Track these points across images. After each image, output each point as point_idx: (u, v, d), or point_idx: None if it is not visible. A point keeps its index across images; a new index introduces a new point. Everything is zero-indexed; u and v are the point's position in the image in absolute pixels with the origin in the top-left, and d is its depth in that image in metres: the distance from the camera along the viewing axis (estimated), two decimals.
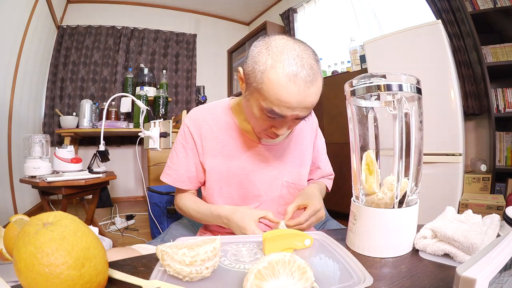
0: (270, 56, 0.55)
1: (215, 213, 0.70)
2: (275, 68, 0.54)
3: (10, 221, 0.48)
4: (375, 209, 0.48)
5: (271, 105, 0.57)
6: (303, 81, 0.54)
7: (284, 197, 0.78)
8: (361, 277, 0.38)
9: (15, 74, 2.16)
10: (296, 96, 0.55)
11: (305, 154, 0.82)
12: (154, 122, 1.40)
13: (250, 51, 0.61)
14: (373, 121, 0.52)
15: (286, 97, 0.55)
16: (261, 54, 0.57)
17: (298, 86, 0.54)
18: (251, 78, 0.58)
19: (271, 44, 0.57)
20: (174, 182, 0.77)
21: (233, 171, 0.74)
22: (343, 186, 2.17)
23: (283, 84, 0.54)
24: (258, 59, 0.57)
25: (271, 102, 0.56)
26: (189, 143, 0.76)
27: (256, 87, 0.58)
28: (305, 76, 0.54)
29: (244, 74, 0.62)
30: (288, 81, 0.54)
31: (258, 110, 0.61)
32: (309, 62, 0.55)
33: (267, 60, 0.55)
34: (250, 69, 0.59)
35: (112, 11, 3.39)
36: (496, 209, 1.52)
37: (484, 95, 1.88)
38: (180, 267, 0.36)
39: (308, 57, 0.56)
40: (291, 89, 0.54)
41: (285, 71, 0.54)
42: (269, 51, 0.56)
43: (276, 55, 0.55)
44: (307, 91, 0.55)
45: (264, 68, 0.55)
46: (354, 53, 2.44)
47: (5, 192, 2.05)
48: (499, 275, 0.25)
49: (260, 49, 0.58)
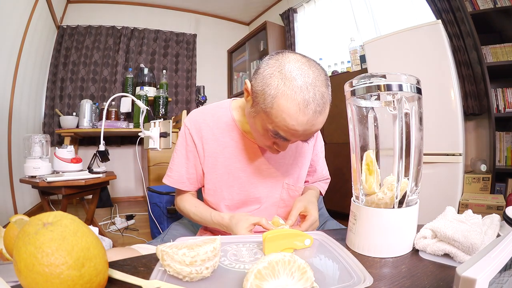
0: (283, 81, 0.53)
1: (215, 221, 0.71)
2: (286, 95, 0.52)
3: (10, 221, 0.48)
4: (375, 209, 0.48)
5: (278, 129, 0.57)
6: (313, 112, 0.53)
7: (284, 199, 0.78)
8: (361, 277, 0.38)
9: (15, 74, 2.16)
10: (303, 125, 0.54)
11: (306, 156, 0.82)
12: (154, 122, 1.40)
13: (262, 69, 0.58)
14: (373, 121, 0.52)
15: (294, 126, 0.54)
16: (273, 77, 0.54)
17: (307, 116, 0.53)
18: (260, 98, 0.57)
19: (284, 67, 0.54)
20: (175, 184, 0.78)
21: (234, 173, 0.74)
22: (343, 186, 2.17)
23: (293, 113, 0.53)
24: (270, 82, 0.55)
25: (277, 126, 0.56)
26: (190, 145, 0.76)
27: (264, 109, 0.56)
28: (315, 107, 0.53)
29: (252, 91, 0.59)
30: (298, 111, 0.52)
31: (262, 129, 0.61)
32: (321, 91, 0.54)
33: (278, 84, 0.53)
34: (260, 89, 0.56)
35: (112, 11, 3.39)
36: (496, 209, 1.52)
37: (484, 95, 1.88)
38: (180, 267, 0.36)
39: (321, 84, 0.54)
40: (300, 119, 0.53)
41: (296, 100, 0.52)
42: (282, 75, 0.54)
43: (288, 81, 0.53)
44: (315, 121, 0.55)
45: (276, 93, 0.53)
46: (354, 53, 2.44)
47: (5, 192, 2.05)
48: (499, 275, 0.25)
49: (273, 70, 0.55)
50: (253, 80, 0.59)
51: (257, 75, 0.58)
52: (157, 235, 0.97)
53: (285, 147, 0.64)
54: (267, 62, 0.58)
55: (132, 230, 2.25)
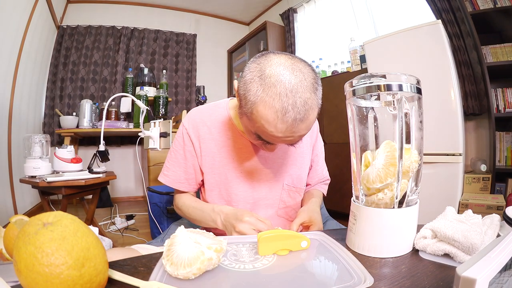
0: (262, 87, 0.51)
1: (217, 209, 0.69)
2: (264, 102, 0.51)
3: (10, 222, 0.48)
4: (375, 209, 0.48)
5: (259, 133, 0.57)
6: (292, 120, 0.51)
7: (284, 200, 0.78)
8: (361, 277, 0.38)
9: (15, 74, 2.16)
10: (283, 132, 0.53)
11: (305, 157, 0.81)
12: (154, 122, 1.40)
13: (244, 72, 0.57)
14: (373, 121, 0.51)
15: (273, 132, 0.53)
16: (253, 83, 0.53)
17: (286, 124, 0.51)
18: (242, 102, 0.56)
19: (265, 72, 0.52)
20: (172, 183, 0.77)
21: (232, 173, 0.73)
22: (343, 186, 2.17)
23: (271, 120, 0.52)
24: (250, 88, 0.53)
25: (258, 130, 0.56)
26: (187, 145, 0.75)
27: (246, 113, 0.56)
28: (294, 115, 0.51)
29: (238, 93, 0.59)
30: (276, 118, 0.51)
31: (247, 130, 0.62)
32: (303, 97, 0.51)
33: (257, 90, 0.52)
34: (242, 93, 0.56)
35: (112, 11, 3.40)
36: (496, 209, 1.52)
37: (484, 95, 1.88)
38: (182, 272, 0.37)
39: (304, 90, 0.51)
40: (279, 126, 0.52)
41: (274, 107, 0.50)
42: (262, 81, 0.52)
43: (268, 87, 0.51)
44: (295, 128, 0.52)
45: (254, 100, 0.52)
46: (354, 53, 2.44)
47: (5, 192, 2.05)
48: (499, 275, 0.25)
49: (253, 76, 0.53)
50: (239, 81, 0.59)
51: (241, 79, 0.57)
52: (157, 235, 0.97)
53: (272, 149, 0.65)
54: (249, 66, 0.56)
55: (132, 230, 2.25)
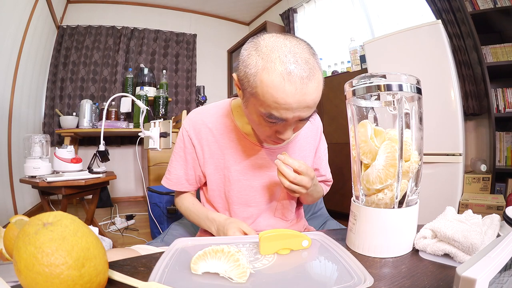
0: (260, 57, 0.51)
1: (210, 217, 0.72)
2: (267, 68, 0.50)
3: (10, 222, 0.48)
4: (375, 209, 0.48)
5: (269, 109, 0.53)
6: (299, 78, 0.49)
7: (283, 202, 0.78)
8: (361, 277, 0.38)
9: (15, 74, 2.17)
10: (293, 96, 0.50)
11: (307, 159, 0.80)
12: (154, 122, 1.40)
13: (240, 54, 0.56)
14: (373, 121, 0.52)
15: (284, 98, 0.50)
16: (251, 57, 0.53)
17: (295, 85, 0.49)
18: (245, 83, 0.54)
19: (260, 44, 0.53)
20: (174, 186, 0.78)
21: (234, 175, 0.73)
22: (343, 186, 2.17)
23: (278, 85, 0.49)
24: (249, 62, 0.53)
25: (268, 106, 0.52)
26: (188, 147, 0.75)
27: (251, 92, 0.54)
28: (300, 72, 0.49)
29: (238, 79, 0.57)
30: (282, 81, 0.49)
31: (257, 116, 0.57)
32: (303, 57, 0.50)
33: (257, 61, 0.51)
34: (243, 73, 0.54)
35: (112, 11, 3.39)
36: (496, 209, 1.52)
37: (484, 95, 1.88)
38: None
39: (301, 51, 0.51)
40: (288, 89, 0.49)
41: (277, 70, 0.49)
42: (259, 52, 0.52)
43: (266, 55, 0.51)
44: (305, 89, 0.50)
45: (256, 71, 0.51)
46: (354, 53, 2.44)
47: (5, 192, 2.05)
48: (499, 275, 0.25)
49: (250, 51, 0.54)
50: (237, 70, 0.58)
51: (238, 64, 0.57)
52: (157, 235, 0.97)
53: (287, 134, 0.58)
54: (244, 47, 0.57)
55: (132, 230, 2.25)
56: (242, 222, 0.67)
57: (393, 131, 0.49)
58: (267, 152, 0.73)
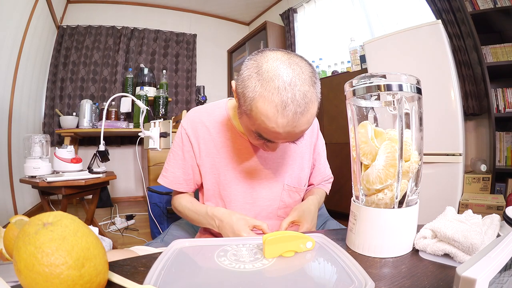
0: (260, 83, 0.51)
1: (210, 213, 0.70)
2: (264, 97, 0.51)
3: (10, 222, 0.48)
4: (375, 209, 0.48)
5: (259, 131, 0.56)
6: (293, 113, 0.50)
7: (285, 201, 0.77)
8: (362, 281, 0.38)
9: (15, 74, 2.17)
10: (284, 128, 0.52)
11: (304, 156, 0.80)
12: (154, 122, 1.40)
13: (241, 70, 0.57)
14: (373, 121, 0.51)
15: (274, 128, 0.52)
16: (251, 79, 0.53)
17: (287, 118, 0.51)
18: (241, 100, 0.56)
19: (262, 68, 0.52)
20: (171, 185, 0.77)
21: (231, 173, 0.73)
22: (343, 186, 2.17)
23: (271, 116, 0.51)
24: (248, 84, 0.53)
25: (259, 129, 0.55)
26: (186, 146, 0.75)
27: (245, 111, 0.55)
28: (295, 108, 0.50)
29: (236, 92, 0.59)
30: (276, 113, 0.50)
31: (248, 130, 0.60)
32: (302, 90, 0.51)
33: (256, 86, 0.52)
34: (240, 91, 0.55)
35: (112, 11, 3.40)
36: (496, 209, 1.52)
37: (484, 95, 1.88)
38: None
39: (302, 83, 0.51)
40: (279, 121, 0.51)
41: (274, 102, 0.50)
42: (259, 76, 0.52)
43: (266, 82, 0.51)
44: (296, 122, 0.52)
45: (253, 96, 0.52)
46: (354, 53, 2.44)
47: (5, 192, 2.05)
48: (499, 275, 0.25)
49: (251, 72, 0.53)
50: (236, 81, 0.59)
51: (238, 77, 0.57)
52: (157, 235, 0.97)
53: (274, 148, 0.63)
54: (246, 63, 0.56)
55: (132, 230, 2.25)
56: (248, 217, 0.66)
57: (393, 131, 0.49)
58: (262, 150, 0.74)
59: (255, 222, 0.64)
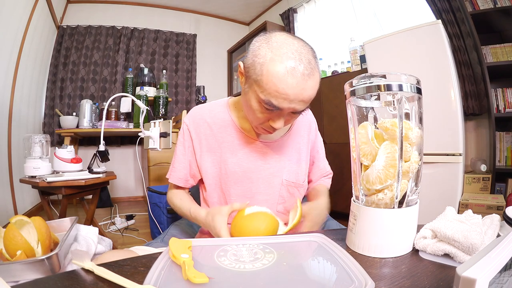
0: (270, 50, 0.57)
1: (193, 215, 0.73)
2: (274, 61, 0.56)
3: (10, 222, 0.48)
4: (375, 209, 0.48)
5: (269, 96, 0.58)
6: (301, 74, 0.56)
7: (283, 196, 0.78)
8: (362, 281, 0.38)
9: (15, 74, 2.17)
10: (293, 88, 0.56)
11: (302, 152, 0.82)
12: (154, 122, 1.40)
13: (251, 45, 0.63)
14: (373, 121, 0.51)
15: (284, 89, 0.56)
16: (261, 48, 0.59)
17: (296, 79, 0.56)
18: (251, 70, 0.60)
19: (271, 39, 0.59)
20: (172, 179, 0.80)
21: (231, 168, 0.75)
22: (343, 186, 2.17)
23: (281, 76, 0.55)
24: (258, 52, 0.59)
25: (269, 93, 0.58)
26: (187, 141, 0.78)
27: (255, 79, 0.59)
28: (302, 70, 0.56)
29: (244, 67, 0.64)
30: (286, 73, 0.55)
31: (256, 102, 0.62)
32: (307, 57, 0.57)
33: (266, 53, 0.57)
34: (250, 62, 0.61)
35: (112, 11, 3.39)
36: (496, 209, 1.52)
37: (484, 95, 1.88)
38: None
39: (306, 52, 0.58)
40: (289, 81, 0.56)
41: (283, 64, 0.55)
42: (269, 45, 0.58)
43: (275, 49, 0.57)
44: (304, 84, 0.57)
45: (264, 61, 0.57)
46: (354, 53, 2.44)
47: (5, 192, 2.05)
48: (499, 275, 0.25)
49: (261, 43, 0.60)
50: (244, 59, 0.64)
51: (247, 54, 0.63)
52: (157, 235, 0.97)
53: (279, 123, 0.63)
54: (256, 39, 0.63)
55: (132, 230, 2.25)
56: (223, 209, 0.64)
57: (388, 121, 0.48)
58: (264, 144, 0.76)
59: (226, 211, 0.63)
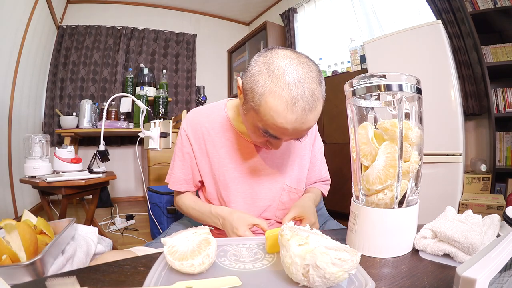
0: (270, 78, 0.52)
1: (214, 212, 0.71)
2: (274, 93, 0.51)
3: None
4: (375, 209, 0.48)
5: (267, 127, 0.56)
6: (302, 109, 0.51)
7: (284, 201, 0.77)
8: (362, 281, 0.38)
9: (15, 74, 2.16)
10: (292, 124, 0.52)
11: (303, 158, 0.81)
12: (154, 122, 1.40)
13: (250, 66, 0.57)
14: (373, 121, 0.51)
15: (283, 124, 0.53)
16: (261, 74, 0.53)
17: (296, 114, 0.51)
18: (249, 96, 0.56)
19: (272, 64, 0.53)
20: (173, 186, 0.79)
21: (231, 173, 0.73)
22: (343, 186, 2.17)
23: (281, 111, 0.51)
24: (258, 79, 0.53)
25: (267, 125, 0.55)
26: (186, 147, 0.77)
27: (253, 107, 0.55)
28: (304, 104, 0.51)
29: (243, 88, 0.59)
30: (286, 109, 0.51)
31: (253, 127, 0.60)
32: (310, 88, 0.52)
33: (266, 82, 0.52)
34: (249, 87, 0.56)
35: (112, 11, 3.39)
36: (496, 209, 1.52)
37: (484, 95, 1.88)
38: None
39: (310, 81, 0.52)
40: (288, 117, 0.52)
41: (283, 97, 0.51)
42: (270, 72, 0.52)
43: (276, 78, 0.51)
44: (304, 119, 0.53)
45: (263, 91, 0.52)
46: (354, 53, 2.44)
47: (5, 192, 2.05)
48: (499, 275, 0.25)
49: (261, 68, 0.54)
50: (243, 77, 0.59)
51: (246, 73, 0.58)
52: (157, 235, 0.97)
53: (278, 146, 0.63)
54: (256, 59, 0.56)
55: (132, 230, 2.25)
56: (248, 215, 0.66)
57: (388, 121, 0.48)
58: (264, 150, 0.74)
59: (255, 221, 0.65)
